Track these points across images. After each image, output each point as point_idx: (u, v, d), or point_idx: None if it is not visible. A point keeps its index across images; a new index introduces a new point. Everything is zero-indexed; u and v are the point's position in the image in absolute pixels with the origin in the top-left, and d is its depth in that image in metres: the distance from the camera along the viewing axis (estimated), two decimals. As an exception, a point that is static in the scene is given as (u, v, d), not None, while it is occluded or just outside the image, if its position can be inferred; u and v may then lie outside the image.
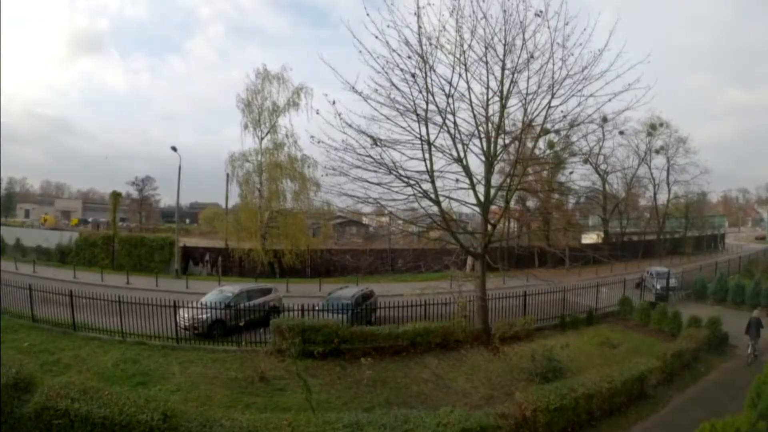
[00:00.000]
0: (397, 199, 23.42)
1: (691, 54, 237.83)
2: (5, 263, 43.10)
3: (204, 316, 23.30)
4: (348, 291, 28.21)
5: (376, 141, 22.04)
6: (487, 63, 22.22)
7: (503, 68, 22.32)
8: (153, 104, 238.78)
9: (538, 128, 24.18)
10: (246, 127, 49.78)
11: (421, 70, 21.69)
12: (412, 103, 21.99)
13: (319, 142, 21.77)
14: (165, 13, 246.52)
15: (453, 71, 22.10)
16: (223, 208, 56.68)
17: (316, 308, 24.16)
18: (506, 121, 24.17)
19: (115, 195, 54.83)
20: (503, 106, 22.95)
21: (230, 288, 28.17)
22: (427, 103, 21.96)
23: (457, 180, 23.94)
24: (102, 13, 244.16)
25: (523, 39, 21.55)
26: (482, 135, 23.51)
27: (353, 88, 21.43)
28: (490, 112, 23.24)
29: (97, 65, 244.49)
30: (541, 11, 20.87)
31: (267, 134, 49.64)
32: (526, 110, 23.01)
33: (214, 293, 26.93)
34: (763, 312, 29.88)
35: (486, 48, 21.92)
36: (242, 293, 27.03)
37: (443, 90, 22.17)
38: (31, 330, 23.06)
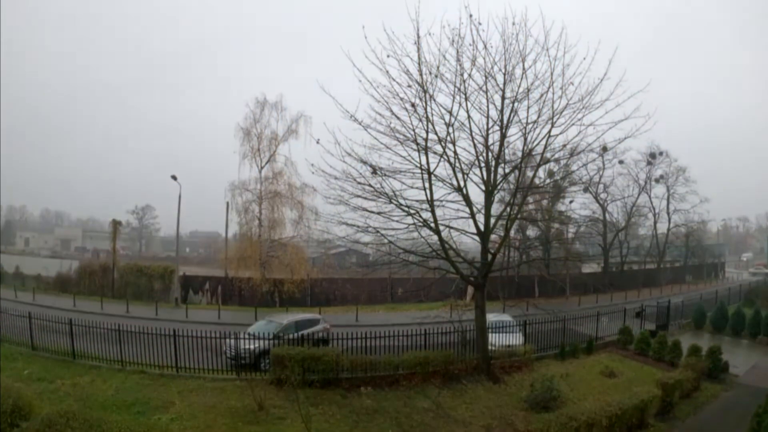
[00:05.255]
0: (397, 228, 23.56)
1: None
2: (5, 291, 43.06)
3: (252, 347, 22.77)
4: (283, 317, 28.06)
5: (375, 170, 22.23)
6: (487, 92, 22.43)
7: (503, 97, 22.49)
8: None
9: (538, 157, 24.39)
10: (245, 155, 50.06)
11: (421, 99, 21.91)
12: (412, 132, 22.17)
13: (320, 171, 22.04)
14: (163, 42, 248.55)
15: (453, 100, 22.32)
16: (223, 236, 56.72)
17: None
18: (506, 150, 24.40)
19: (115, 223, 54.99)
20: (503, 136, 23.12)
21: (279, 318, 27.83)
22: (427, 132, 22.14)
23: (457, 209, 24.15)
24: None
25: (523, 68, 21.85)
26: (482, 164, 23.66)
27: (353, 117, 21.70)
28: (490, 141, 23.39)
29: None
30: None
31: (267, 163, 49.92)
32: (526, 139, 23.21)
33: (262, 323, 26.68)
34: (764, 340, 29.93)
35: (486, 77, 22.15)
36: (291, 324, 26.52)
37: (443, 119, 22.39)
38: (30, 358, 22.97)
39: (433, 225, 23.04)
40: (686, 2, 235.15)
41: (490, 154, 23.56)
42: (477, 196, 24.25)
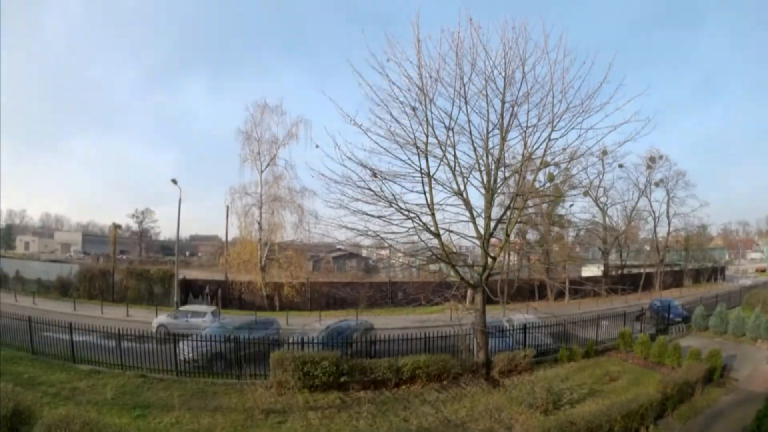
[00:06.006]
0: (397, 232, 23.57)
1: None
2: (5, 295, 43.06)
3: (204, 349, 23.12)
4: (347, 324, 28.24)
5: (376, 173, 22.26)
6: (487, 96, 22.47)
7: (503, 101, 22.50)
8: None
9: (538, 161, 24.41)
10: (245, 159, 50.14)
11: (421, 102, 21.99)
12: (412, 136, 22.24)
13: (320, 175, 22.08)
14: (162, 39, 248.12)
15: (453, 104, 22.36)
16: (223, 240, 56.74)
17: (315, 341, 24.02)
18: (506, 154, 24.40)
19: (115, 227, 55.04)
20: (503, 139, 23.14)
21: (230, 321, 28.19)
22: (427, 136, 22.20)
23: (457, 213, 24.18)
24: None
25: (523, 72, 21.87)
26: (482, 168, 23.70)
27: (354, 120, 21.75)
28: (490, 145, 23.44)
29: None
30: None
31: (267, 167, 49.94)
32: (526, 143, 23.24)
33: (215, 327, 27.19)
34: (764, 344, 29.88)
35: (486, 81, 22.19)
36: (243, 326, 26.99)
37: (443, 123, 22.45)
38: (30, 362, 22.98)
39: (433, 229, 23.05)
40: (685, 7, 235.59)
41: (490, 157, 23.59)
42: (477, 199, 24.31)
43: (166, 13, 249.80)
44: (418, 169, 22.53)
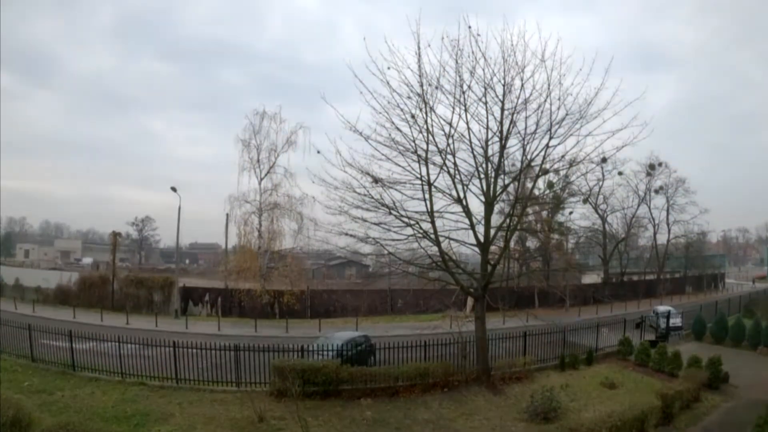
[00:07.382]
0: (397, 239, 23.60)
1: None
2: (5, 303, 43.04)
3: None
4: (343, 334, 28.01)
5: (376, 180, 22.32)
6: (486, 103, 22.59)
7: (502, 108, 22.60)
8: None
9: (538, 168, 24.47)
10: (244, 167, 50.03)
11: (421, 110, 22.11)
12: (412, 143, 22.35)
13: (322, 181, 22.16)
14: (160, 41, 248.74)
15: (453, 111, 22.54)
16: (223, 248, 56.67)
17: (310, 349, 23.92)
18: (506, 162, 24.46)
19: (115, 235, 54.98)
20: (503, 147, 23.22)
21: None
22: (427, 143, 22.30)
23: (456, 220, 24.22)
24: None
25: (522, 79, 21.99)
26: (482, 175, 23.75)
27: (354, 127, 21.84)
28: (490, 152, 23.51)
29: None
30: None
31: (266, 174, 49.91)
32: (525, 150, 23.31)
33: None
34: (764, 351, 29.83)
35: (485, 88, 22.31)
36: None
37: (443, 130, 22.58)
38: (30, 370, 22.93)
39: (433, 236, 23.08)
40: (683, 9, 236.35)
41: (489, 165, 23.65)
42: (477, 207, 24.34)
43: (165, 16, 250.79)
44: (419, 176, 22.64)
